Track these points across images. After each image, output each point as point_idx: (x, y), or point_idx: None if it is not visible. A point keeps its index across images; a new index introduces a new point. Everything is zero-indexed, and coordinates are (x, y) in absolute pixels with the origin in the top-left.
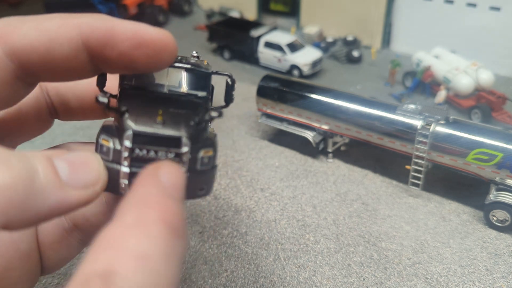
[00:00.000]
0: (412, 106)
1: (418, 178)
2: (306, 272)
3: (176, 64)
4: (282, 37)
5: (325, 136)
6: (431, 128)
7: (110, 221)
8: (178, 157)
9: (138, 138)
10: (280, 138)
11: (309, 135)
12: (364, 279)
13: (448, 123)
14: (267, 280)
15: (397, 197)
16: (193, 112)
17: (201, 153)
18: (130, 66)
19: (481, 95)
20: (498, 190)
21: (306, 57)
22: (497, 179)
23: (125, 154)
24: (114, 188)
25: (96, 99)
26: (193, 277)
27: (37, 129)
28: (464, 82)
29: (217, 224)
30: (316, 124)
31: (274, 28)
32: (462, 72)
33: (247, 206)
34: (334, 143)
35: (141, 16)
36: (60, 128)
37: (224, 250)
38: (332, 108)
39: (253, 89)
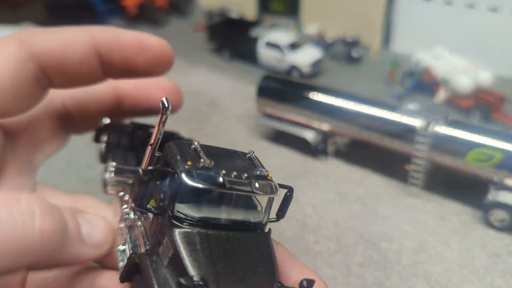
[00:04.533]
0: (412, 106)
1: (418, 178)
2: None
3: (245, 189)
4: (282, 38)
5: (325, 136)
6: (431, 128)
7: None
8: None
9: None
10: (280, 138)
11: (309, 135)
12: (363, 279)
13: (448, 123)
14: None
15: (397, 197)
16: (271, 270)
17: None
18: (133, 70)
19: (480, 96)
20: (497, 190)
21: (306, 57)
22: (496, 179)
23: None
24: None
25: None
26: None
27: (53, 146)
28: (463, 82)
29: None
30: (316, 124)
31: (274, 28)
32: (461, 72)
33: None
34: (334, 143)
35: (141, 16)
36: None
37: None
38: (332, 108)
39: (253, 89)
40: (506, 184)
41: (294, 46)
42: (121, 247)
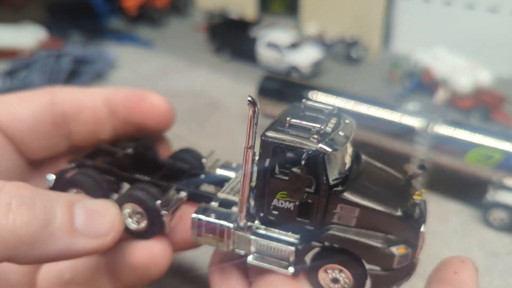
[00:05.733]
0: (411, 106)
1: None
2: None
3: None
4: (282, 38)
5: None
6: (430, 128)
7: None
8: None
9: None
10: None
11: None
12: None
13: (447, 123)
14: None
15: None
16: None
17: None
18: (135, 117)
19: (480, 96)
20: (495, 190)
21: (306, 58)
22: (494, 179)
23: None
24: None
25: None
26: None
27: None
28: (462, 82)
29: None
30: None
31: (273, 28)
32: (461, 72)
33: None
34: None
35: (141, 17)
36: None
37: None
38: None
39: (253, 89)
40: (505, 184)
41: (293, 46)
42: (252, 259)
